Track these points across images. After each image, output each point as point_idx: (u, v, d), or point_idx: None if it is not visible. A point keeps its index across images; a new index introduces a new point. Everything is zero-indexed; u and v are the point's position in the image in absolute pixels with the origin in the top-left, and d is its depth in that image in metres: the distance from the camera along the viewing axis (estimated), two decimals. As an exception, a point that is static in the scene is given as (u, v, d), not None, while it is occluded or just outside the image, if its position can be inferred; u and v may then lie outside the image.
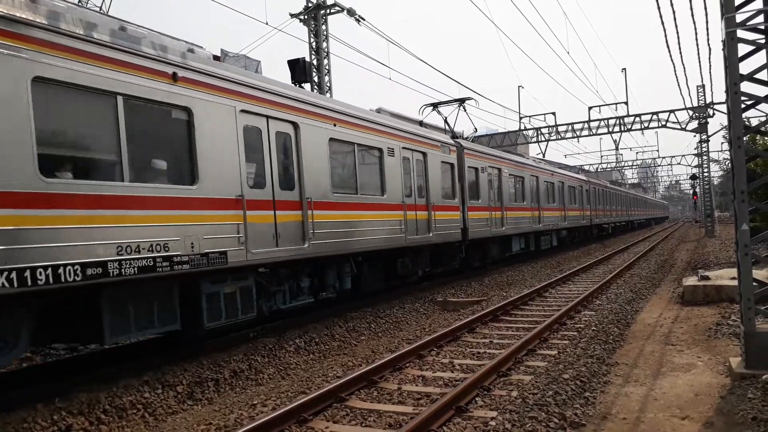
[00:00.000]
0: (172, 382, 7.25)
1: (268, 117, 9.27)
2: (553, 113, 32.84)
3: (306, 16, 20.04)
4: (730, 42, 6.29)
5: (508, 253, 21.09)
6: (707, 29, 15.31)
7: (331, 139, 10.78)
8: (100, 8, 36.43)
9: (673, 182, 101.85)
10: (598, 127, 32.07)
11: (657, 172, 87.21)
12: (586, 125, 32.28)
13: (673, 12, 13.48)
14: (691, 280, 12.60)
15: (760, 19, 6.40)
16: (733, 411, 5.43)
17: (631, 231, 54.32)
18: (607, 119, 31.93)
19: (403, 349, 8.23)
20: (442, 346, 8.76)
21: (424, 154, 14.42)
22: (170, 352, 8.70)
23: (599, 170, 64.61)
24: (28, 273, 5.71)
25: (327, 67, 20.17)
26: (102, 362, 8.58)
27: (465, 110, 19.40)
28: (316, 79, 19.87)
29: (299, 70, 17.36)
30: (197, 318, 7.97)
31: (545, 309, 11.74)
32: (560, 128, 32.93)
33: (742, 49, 6.36)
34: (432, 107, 19.08)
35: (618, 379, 6.81)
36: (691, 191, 54.20)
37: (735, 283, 7.51)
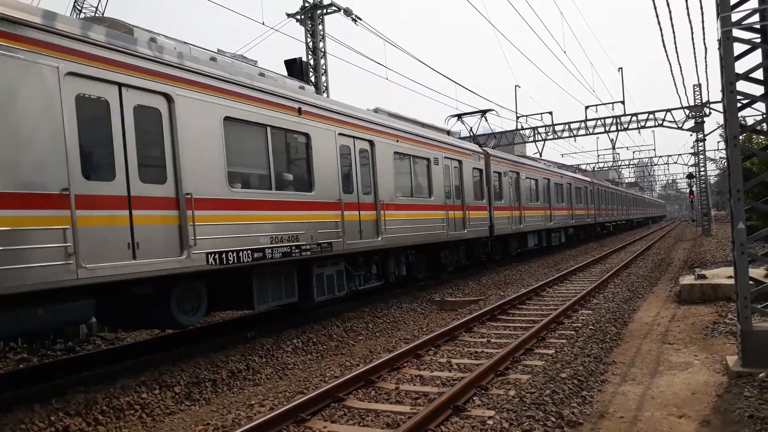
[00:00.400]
0: (169, 383, 7.25)
1: (354, 137, 11.54)
2: (550, 113, 32.86)
3: (302, 16, 20.03)
4: (726, 41, 6.31)
5: (524, 248, 23.22)
6: (703, 29, 15.36)
7: (395, 153, 13.12)
8: (96, 9, 36.31)
9: (669, 181, 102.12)
10: (594, 127, 32.09)
11: (654, 171, 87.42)
12: (582, 124, 32.30)
13: (670, 12, 13.49)
14: (688, 279, 12.63)
15: (756, 18, 6.42)
16: (729, 409, 5.45)
17: (630, 229, 55.87)
18: (604, 118, 31.95)
19: (400, 348, 8.23)
20: (440, 346, 8.77)
21: (460, 162, 16.80)
22: (167, 352, 8.70)
23: (596, 169, 64.71)
24: (223, 255, 8.10)
25: (324, 67, 20.16)
26: (98, 362, 8.58)
27: (486, 120, 22.70)
28: (312, 78, 19.86)
29: (296, 69, 17.39)
30: (309, 293, 10.39)
31: (543, 308, 11.75)
32: (557, 128, 32.95)
33: (738, 48, 6.38)
34: (457, 117, 22.10)
35: (615, 378, 6.82)
36: (688, 190, 54.29)
37: (732, 281, 7.53)
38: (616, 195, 46.91)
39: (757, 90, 6.54)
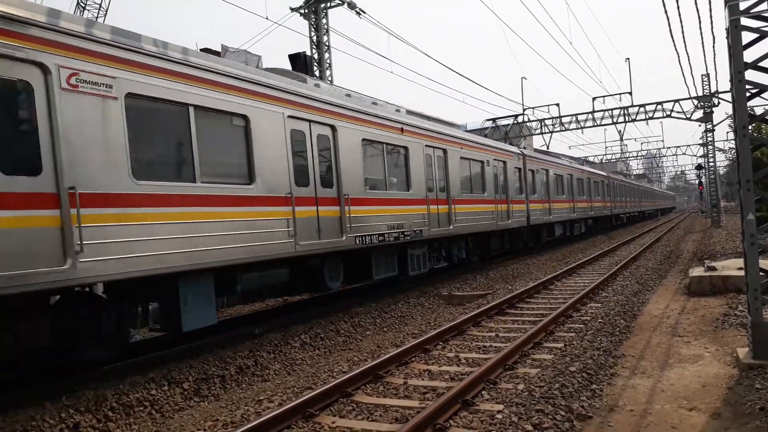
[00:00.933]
0: (178, 379, 7.27)
1: (433, 147, 14.58)
2: (557, 104, 32.66)
3: (306, 10, 19.98)
4: (734, 30, 6.24)
5: (551, 237, 26.34)
6: (711, 17, 15.17)
7: (461, 157, 16.16)
8: (99, 6, 36.31)
9: (678, 172, 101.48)
10: (602, 118, 31.86)
11: (662, 162, 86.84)
12: (590, 116, 32.09)
13: (677, 0, 13.31)
14: (697, 271, 12.55)
15: (764, 6, 6.33)
16: (740, 401, 5.41)
17: (642, 221, 58.04)
18: (611, 110, 31.72)
19: (408, 343, 8.22)
20: (448, 340, 8.75)
21: (505, 163, 19.78)
22: (175, 348, 8.73)
23: (604, 161, 64.35)
24: (363, 238, 11.19)
25: (328, 61, 20.12)
26: (107, 359, 8.61)
27: (517, 122, 27.76)
28: (317, 73, 19.82)
29: (300, 64, 17.32)
30: (405, 269, 13.59)
31: (551, 302, 11.71)
32: (564, 119, 32.76)
33: (746, 37, 6.31)
34: (492, 122, 27.21)
35: (625, 371, 6.78)
36: (697, 181, 53.97)
37: (742, 273, 7.47)
38: (629, 188, 49.49)
39: (766, 79, 6.46)
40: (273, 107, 9.20)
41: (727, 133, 57.19)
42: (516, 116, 25.23)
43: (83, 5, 36.01)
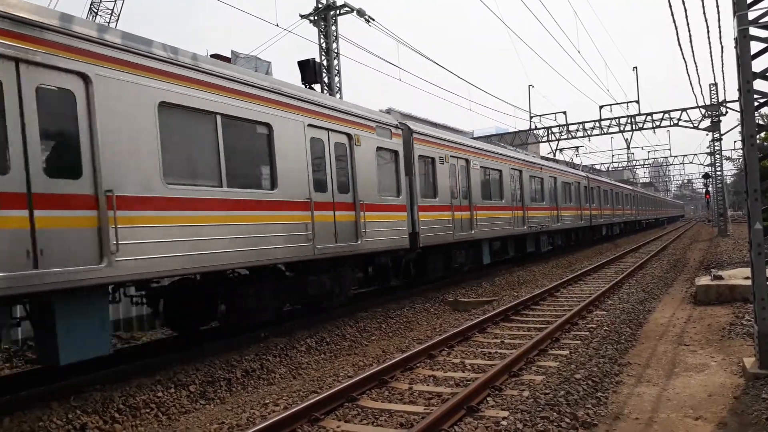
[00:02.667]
0: (184, 382, 7.31)
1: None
2: (564, 112, 32.68)
3: (316, 17, 20.09)
4: (743, 40, 6.25)
5: (599, 236, 34.80)
6: (719, 27, 15.18)
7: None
8: (112, 11, 36.60)
9: (685, 181, 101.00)
10: (609, 126, 31.84)
11: (669, 171, 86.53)
12: (597, 124, 32.07)
13: (685, 10, 13.33)
14: (704, 280, 12.50)
15: (773, 16, 6.34)
16: (747, 411, 5.39)
17: (656, 227, 65.80)
18: (619, 118, 31.70)
19: (413, 349, 8.23)
20: (453, 346, 8.76)
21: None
22: (182, 351, 8.77)
23: (610, 169, 64.18)
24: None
25: (337, 68, 20.20)
26: (114, 361, 8.66)
27: (578, 154, 39.69)
28: (326, 79, 19.91)
29: (309, 70, 17.47)
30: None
31: (557, 309, 11.69)
32: (571, 127, 32.74)
33: (755, 46, 6.31)
34: (558, 151, 34.92)
35: (630, 379, 6.77)
36: (704, 190, 53.82)
37: (748, 282, 7.45)
38: (649, 198, 60.80)
39: (775, 89, 6.46)
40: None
41: (735, 142, 57.01)
42: (576, 147, 32.03)
43: (95, 10, 36.30)
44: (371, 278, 13.40)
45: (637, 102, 31.04)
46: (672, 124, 30.67)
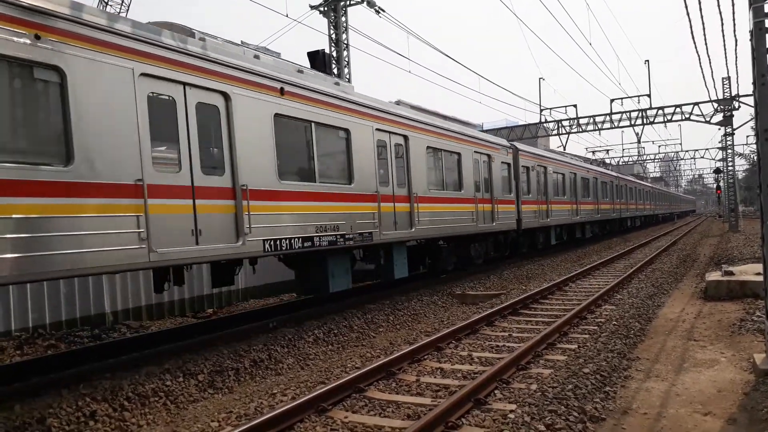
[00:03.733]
0: (193, 371, 7.34)
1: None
2: (575, 105, 32.45)
3: (326, 8, 20.02)
4: (758, 32, 6.16)
5: (625, 226, 41.34)
6: (734, 20, 14.98)
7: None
8: (121, 3, 36.67)
9: (696, 176, 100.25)
10: (620, 120, 31.59)
11: (680, 165, 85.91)
12: (607, 118, 31.83)
13: (699, 2, 13.18)
14: (714, 275, 12.41)
15: (790, 8, 6.24)
16: (756, 408, 5.36)
17: (669, 222, 69.71)
18: (630, 112, 31.45)
19: (421, 341, 8.23)
20: (461, 339, 8.75)
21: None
22: (191, 340, 8.82)
23: (621, 164, 63.76)
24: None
25: (346, 59, 20.15)
26: (124, 350, 8.73)
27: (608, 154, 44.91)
28: (335, 71, 19.86)
29: (319, 61, 17.37)
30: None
31: (565, 303, 11.66)
32: (581, 121, 32.51)
33: (771, 39, 6.22)
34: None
35: (639, 374, 6.74)
36: (715, 185, 53.46)
37: (760, 278, 7.39)
38: (666, 195, 69.81)
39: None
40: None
41: (747, 137, 56.58)
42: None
43: (105, 1, 36.37)
44: (496, 249, 18.72)
45: (649, 96, 30.77)
46: (683, 118, 30.38)
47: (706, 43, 14.79)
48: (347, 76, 20.18)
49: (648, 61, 31.81)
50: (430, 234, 13.37)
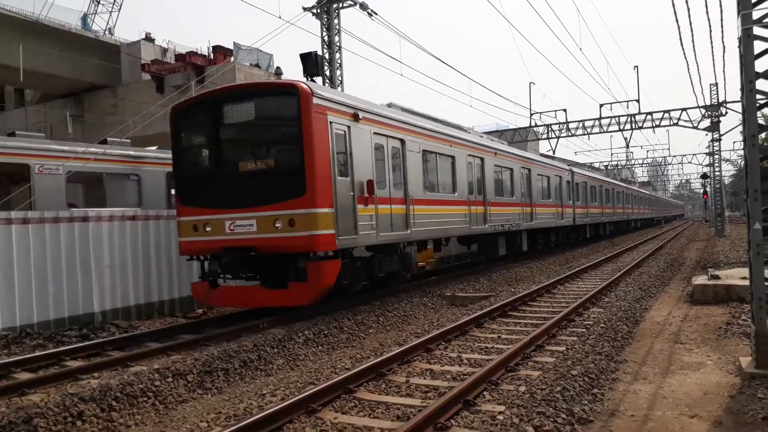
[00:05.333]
0: (182, 371, 7.32)
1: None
2: (564, 110, 32.70)
3: (318, 10, 20.03)
4: (746, 39, 6.25)
5: (626, 228, 48.20)
6: (722, 26, 15.19)
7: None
8: (114, 2, 36.29)
9: (683, 181, 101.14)
10: (609, 125, 31.92)
11: (667, 170, 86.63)
12: (597, 122, 32.12)
13: (688, 9, 13.36)
14: (700, 279, 12.54)
15: (777, 16, 6.33)
16: (742, 410, 5.42)
17: (659, 225, 72.19)
18: (619, 117, 31.75)
19: (411, 342, 8.25)
20: (450, 340, 8.78)
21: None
22: (180, 340, 8.79)
23: (609, 168, 64.23)
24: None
25: (339, 61, 20.17)
26: (112, 350, 8.69)
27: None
28: (327, 73, 19.87)
29: (311, 63, 17.39)
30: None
31: (554, 305, 11.72)
32: (571, 125, 32.77)
33: (758, 46, 6.31)
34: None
35: (627, 376, 6.80)
36: (702, 190, 54.02)
37: (745, 282, 7.48)
38: (659, 200, 78.45)
39: (777, 89, 6.46)
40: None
41: (734, 143, 57.16)
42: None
43: (98, 1, 36.15)
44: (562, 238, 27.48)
45: (638, 101, 31.08)
46: (672, 123, 30.72)
47: (694, 50, 14.97)
48: (339, 78, 20.20)
49: (637, 66, 32.13)
50: (503, 228, 18.85)
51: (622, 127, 31.77)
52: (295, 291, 9.94)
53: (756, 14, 6.27)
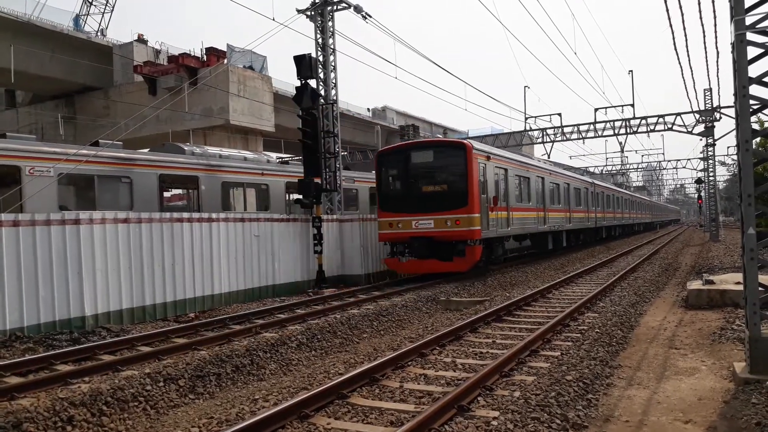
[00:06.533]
0: (174, 376, 7.26)
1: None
2: (559, 114, 32.80)
3: (313, 12, 20.01)
4: (740, 45, 6.25)
5: (629, 231, 50.97)
6: (716, 32, 15.23)
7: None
8: (106, 3, 36.15)
9: (678, 186, 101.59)
10: (603, 129, 32.01)
11: (662, 175, 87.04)
12: (591, 127, 32.21)
13: (682, 14, 13.39)
14: (695, 284, 12.55)
15: (771, 22, 6.34)
16: (736, 416, 5.40)
17: (652, 230, 71.58)
18: (613, 121, 31.84)
19: (405, 347, 8.20)
20: (445, 345, 8.74)
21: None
22: (172, 344, 8.72)
23: (604, 172, 64.44)
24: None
25: (333, 64, 20.15)
26: (103, 354, 8.61)
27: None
28: (321, 75, 19.84)
29: (305, 65, 17.38)
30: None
31: (548, 310, 11.70)
32: (566, 129, 32.86)
33: (752, 51, 6.31)
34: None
35: (621, 381, 6.78)
36: (696, 195, 54.28)
37: (740, 287, 7.48)
38: (659, 206, 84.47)
39: (770, 95, 6.48)
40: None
41: (728, 147, 57.50)
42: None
43: (90, 1, 36.00)
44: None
45: (632, 105, 31.16)
46: (666, 128, 30.84)
47: (688, 55, 15.03)
48: (333, 81, 20.18)
49: (632, 71, 32.23)
50: (554, 228, 24.28)
51: (616, 132, 31.87)
52: (458, 263, 16.25)
53: (749, 20, 6.28)
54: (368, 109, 51.04)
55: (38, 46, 30.97)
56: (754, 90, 6.29)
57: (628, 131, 31.51)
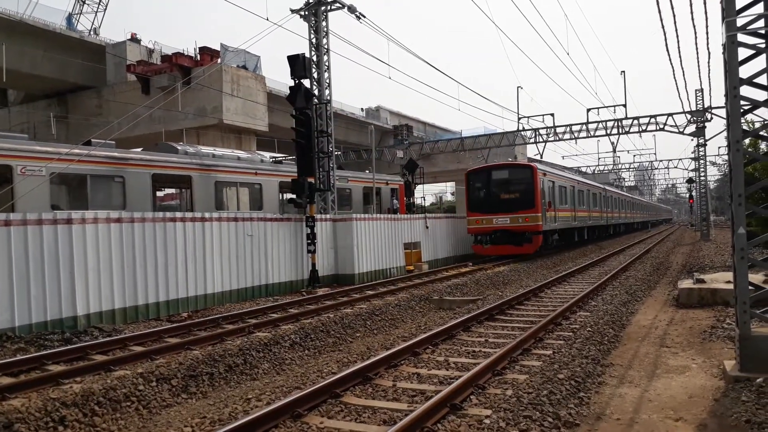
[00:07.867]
0: (166, 375, 7.24)
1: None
2: (552, 114, 32.89)
3: (306, 12, 19.99)
4: (731, 46, 6.30)
5: (631, 229, 56.72)
6: (707, 33, 15.34)
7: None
8: (99, 2, 35.99)
9: (669, 185, 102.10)
10: (596, 129, 32.10)
11: (654, 175, 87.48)
12: (584, 127, 32.32)
13: (674, 15, 13.47)
14: (686, 283, 12.63)
15: (761, 23, 6.40)
16: (726, 414, 5.45)
17: (645, 229, 72.81)
18: (606, 121, 31.96)
19: (398, 346, 8.22)
20: (438, 344, 8.77)
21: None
22: (164, 344, 8.70)
23: (596, 172, 64.70)
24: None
25: (326, 64, 20.13)
26: (95, 354, 8.58)
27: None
28: (315, 75, 19.82)
29: (299, 65, 17.35)
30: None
31: (541, 309, 11.75)
32: (558, 129, 32.95)
33: (743, 53, 6.37)
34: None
35: (613, 380, 6.82)
36: (687, 195, 54.66)
37: (730, 286, 7.54)
38: (653, 206, 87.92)
39: (761, 95, 6.53)
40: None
41: (719, 147, 57.79)
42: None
43: (83, 1, 35.82)
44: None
45: (624, 106, 31.29)
46: (658, 128, 30.97)
47: (680, 56, 15.11)
48: (327, 81, 20.16)
49: (624, 71, 32.36)
50: (582, 224, 30.71)
51: (609, 132, 31.99)
52: (527, 247, 22.95)
53: (740, 21, 6.33)
54: (362, 108, 51.05)
55: (30, 45, 30.76)
56: (745, 91, 6.34)
57: (620, 131, 31.63)
